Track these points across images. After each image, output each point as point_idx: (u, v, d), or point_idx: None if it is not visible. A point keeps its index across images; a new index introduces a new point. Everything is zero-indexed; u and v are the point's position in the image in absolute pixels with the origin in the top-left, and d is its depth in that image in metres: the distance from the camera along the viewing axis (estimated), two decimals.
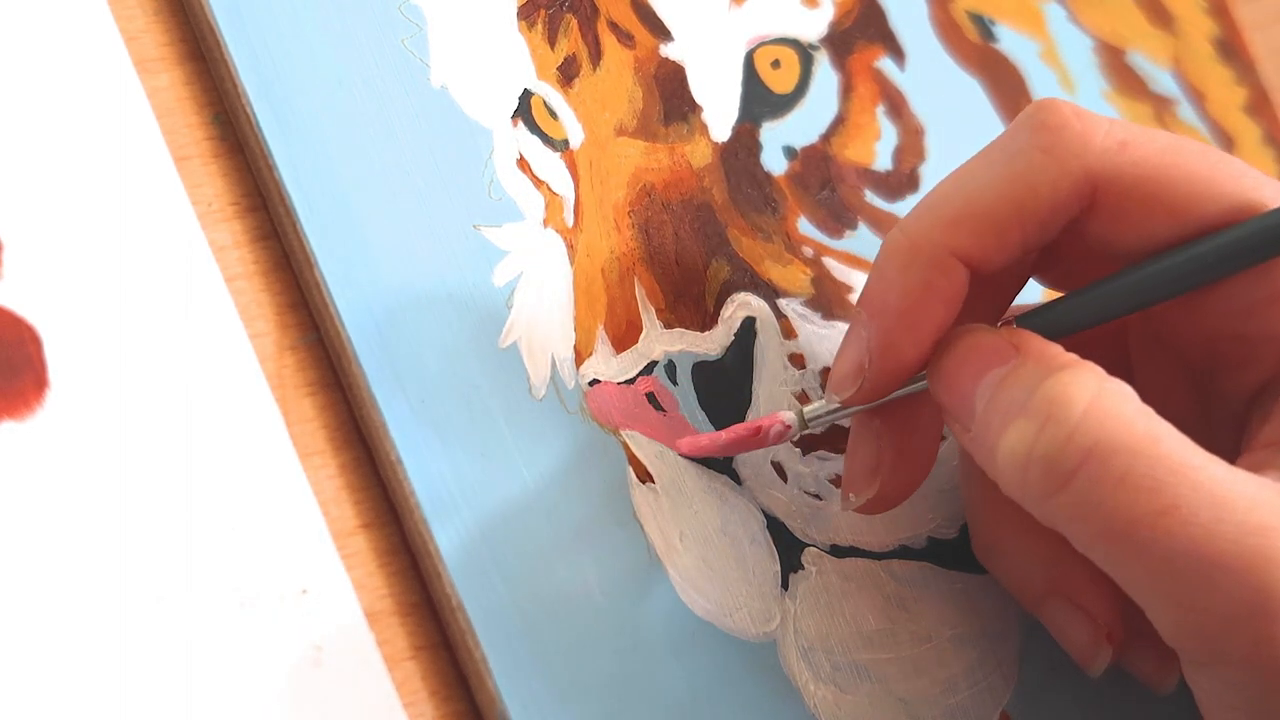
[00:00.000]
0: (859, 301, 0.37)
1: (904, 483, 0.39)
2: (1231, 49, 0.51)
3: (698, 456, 0.40)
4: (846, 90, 0.45)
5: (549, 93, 0.42)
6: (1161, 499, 0.33)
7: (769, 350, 0.41)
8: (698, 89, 0.43)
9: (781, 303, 0.42)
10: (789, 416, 0.38)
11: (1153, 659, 0.40)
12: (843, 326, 0.42)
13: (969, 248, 0.36)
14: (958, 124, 0.45)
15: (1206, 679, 0.35)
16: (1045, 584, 0.39)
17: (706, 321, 0.41)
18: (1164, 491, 0.33)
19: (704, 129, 0.43)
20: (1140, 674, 0.40)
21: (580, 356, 0.40)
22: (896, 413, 0.38)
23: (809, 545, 0.40)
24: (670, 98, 0.43)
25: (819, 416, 0.38)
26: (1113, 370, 0.35)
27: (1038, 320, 0.37)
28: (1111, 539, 0.33)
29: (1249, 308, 0.37)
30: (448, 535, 0.37)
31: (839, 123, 0.44)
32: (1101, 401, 0.34)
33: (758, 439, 0.38)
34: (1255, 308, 0.37)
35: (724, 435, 0.39)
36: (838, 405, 0.38)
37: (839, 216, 0.43)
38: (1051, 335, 0.36)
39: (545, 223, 0.41)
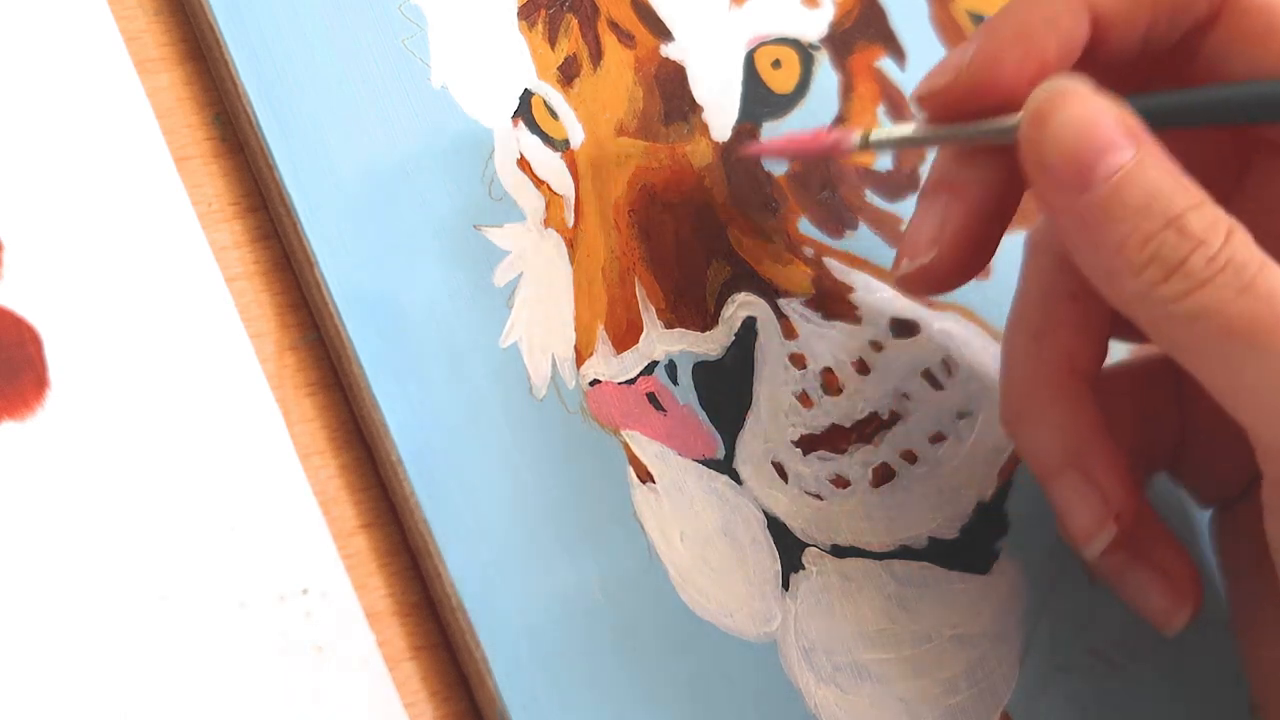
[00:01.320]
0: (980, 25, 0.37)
1: (960, 263, 0.38)
2: None
3: (758, 155, 0.40)
4: (847, 90, 0.45)
5: (549, 92, 0.42)
6: None
7: (769, 350, 0.41)
8: (698, 89, 0.43)
9: (782, 303, 0.42)
10: (854, 134, 0.38)
11: (1165, 594, 0.39)
12: (844, 326, 0.42)
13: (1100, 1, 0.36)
14: None
15: None
16: (1065, 457, 0.39)
17: (707, 321, 0.41)
18: None
19: (704, 129, 0.43)
20: (1150, 610, 0.40)
21: (581, 356, 0.40)
22: (967, 187, 0.38)
23: (810, 545, 0.40)
24: (671, 98, 0.43)
25: (882, 140, 0.38)
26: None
27: (1145, 104, 0.36)
28: (1227, 340, 0.33)
29: None
30: (448, 535, 0.37)
31: (839, 123, 0.44)
32: (1239, 234, 0.34)
33: (816, 144, 0.38)
34: None
35: (781, 140, 0.39)
36: (905, 131, 0.38)
37: (839, 216, 0.43)
38: (1155, 124, 0.35)
39: (546, 223, 0.41)
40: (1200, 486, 0.43)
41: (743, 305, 0.41)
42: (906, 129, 0.38)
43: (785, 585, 0.39)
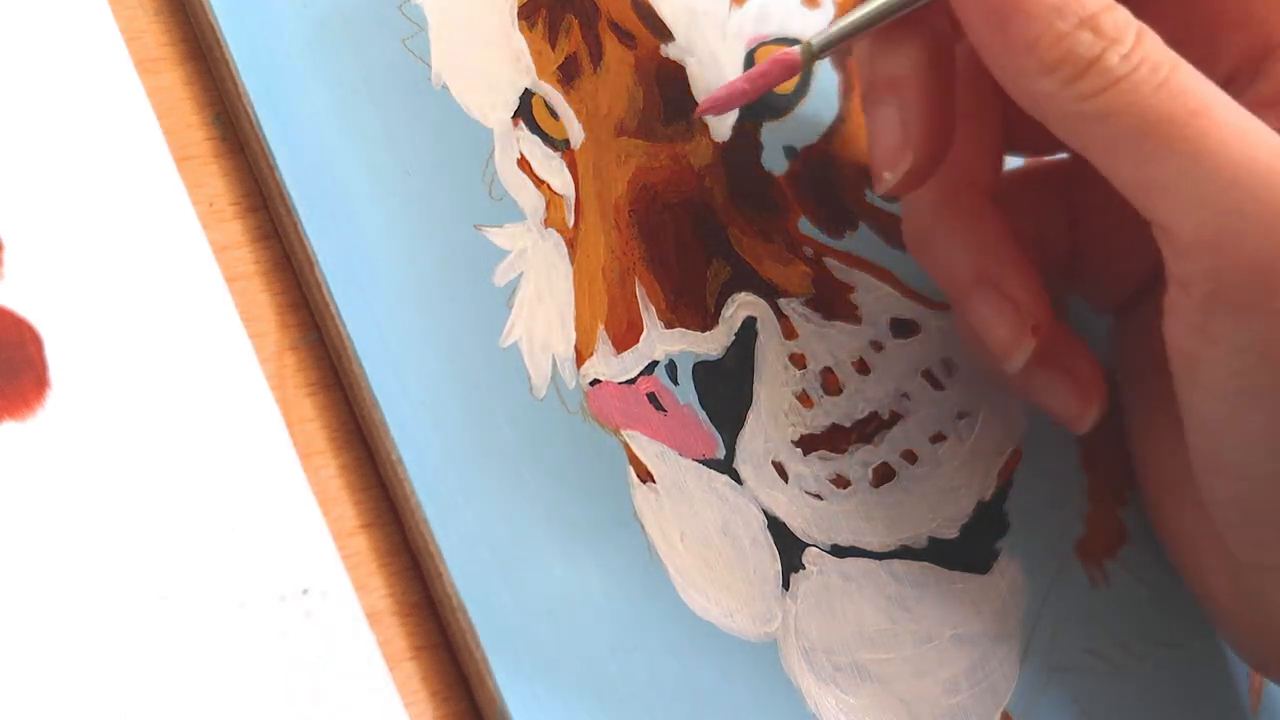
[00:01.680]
0: None
1: (935, 151, 0.39)
2: None
3: (718, 112, 0.40)
4: (847, 90, 0.45)
5: (550, 93, 0.42)
6: (1197, 103, 0.34)
7: (770, 350, 0.41)
8: (698, 89, 0.43)
9: (782, 303, 0.42)
10: (795, 50, 0.38)
11: (1072, 395, 0.40)
12: (844, 326, 0.42)
13: None
14: None
15: (1205, 316, 0.35)
16: (975, 273, 0.40)
17: (707, 321, 0.41)
18: (1200, 98, 0.34)
19: (704, 129, 0.43)
20: (1059, 412, 0.40)
21: (581, 356, 0.40)
22: (907, 77, 0.38)
23: (810, 545, 0.40)
24: (671, 98, 0.43)
25: (826, 41, 0.38)
26: None
27: None
28: (1142, 136, 0.34)
29: None
30: (448, 535, 0.37)
31: (840, 123, 0.44)
32: (1149, 34, 0.35)
33: (768, 76, 0.39)
34: None
35: (733, 85, 0.39)
36: (844, 23, 0.38)
37: (839, 216, 0.43)
38: None
39: (546, 223, 0.41)
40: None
41: (743, 305, 0.41)
42: (844, 21, 0.38)
43: (785, 585, 0.39)
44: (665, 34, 0.43)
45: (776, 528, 0.40)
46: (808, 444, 0.41)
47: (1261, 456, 0.36)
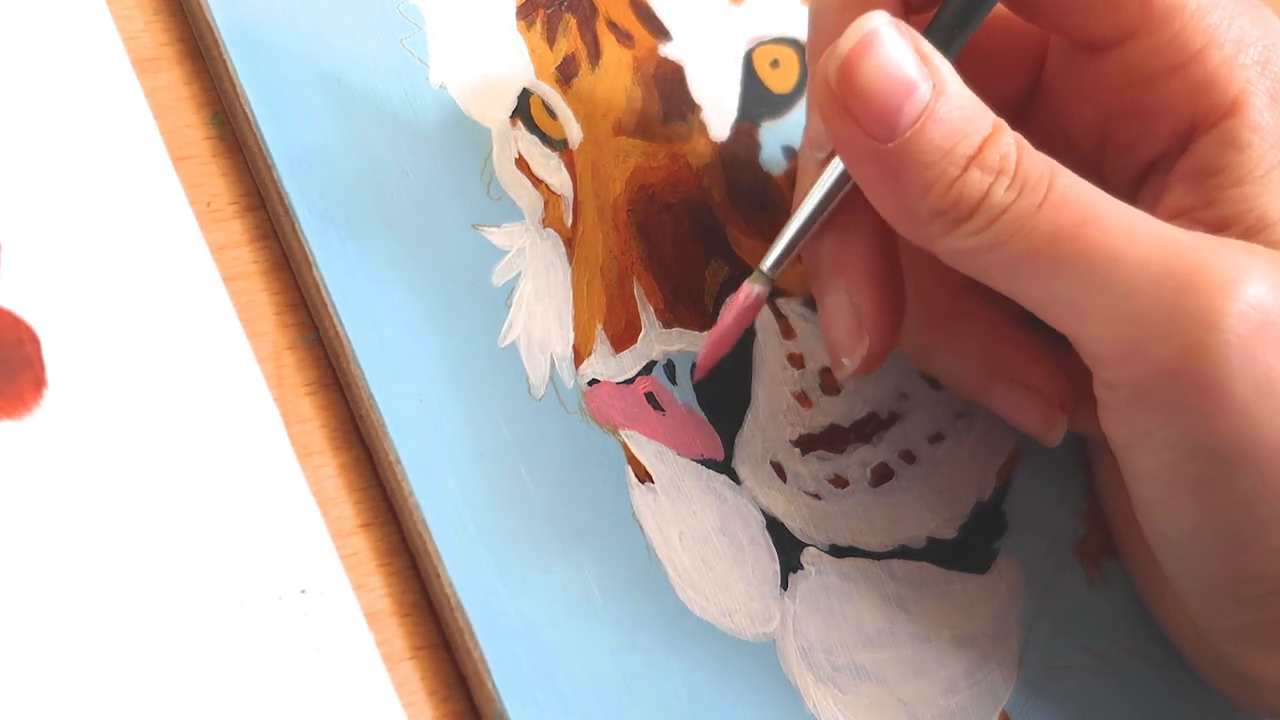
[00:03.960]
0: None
1: (888, 330, 0.39)
2: None
3: (714, 363, 0.40)
4: None
5: (548, 92, 0.42)
6: (1081, 213, 0.34)
7: (768, 350, 0.41)
8: (697, 89, 0.43)
9: (780, 303, 0.42)
10: (754, 287, 0.38)
11: (1037, 408, 0.40)
12: None
13: None
14: None
15: (1132, 414, 0.35)
16: (988, 372, 0.40)
17: (705, 321, 0.41)
18: (1084, 206, 0.34)
19: (703, 128, 0.43)
20: (1025, 424, 0.41)
21: (579, 356, 0.40)
22: (853, 260, 0.38)
23: (808, 545, 0.40)
24: (669, 97, 0.43)
25: (777, 259, 0.38)
26: None
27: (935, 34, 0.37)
28: (1034, 257, 0.34)
29: (1149, 78, 0.38)
30: (447, 535, 0.37)
31: None
32: (1025, 148, 0.35)
33: (742, 318, 0.39)
34: (1156, 78, 0.37)
35: (714, 338, 0.39)
36: (788, 234, 0.38)
37: None
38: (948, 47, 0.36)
39: (544, 222, 0.41)
40: None
41: None
42: (786, 234, 0.38)
43: (784, 585, 0.39)
44: (663, 33, 0.43)
45: (775, 528, 0.40)
46: (806, 444, 0.41)
47: (1202, 538, 0.37)
